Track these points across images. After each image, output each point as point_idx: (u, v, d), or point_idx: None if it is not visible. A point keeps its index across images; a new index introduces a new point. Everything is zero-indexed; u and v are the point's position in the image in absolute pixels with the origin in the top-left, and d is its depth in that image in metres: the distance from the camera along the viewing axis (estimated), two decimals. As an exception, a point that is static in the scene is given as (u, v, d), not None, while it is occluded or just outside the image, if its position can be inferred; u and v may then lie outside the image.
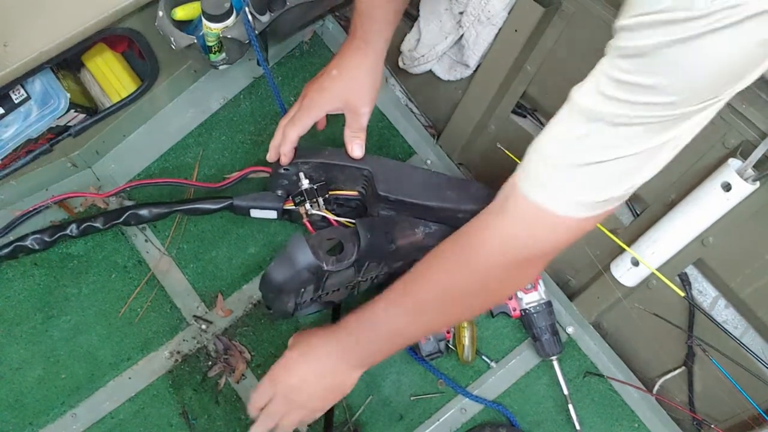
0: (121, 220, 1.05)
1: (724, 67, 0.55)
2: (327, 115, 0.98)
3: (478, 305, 0.86)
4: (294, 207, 1.02)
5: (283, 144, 0.96)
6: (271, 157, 0.99)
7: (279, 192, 1.04)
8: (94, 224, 1.05)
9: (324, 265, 0.89)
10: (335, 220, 1.02)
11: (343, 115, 0.97)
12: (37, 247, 1.05)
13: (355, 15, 0.92)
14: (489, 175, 1.13)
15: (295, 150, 0.97)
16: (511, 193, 0.72)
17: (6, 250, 1.05)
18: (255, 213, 1.06)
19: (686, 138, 0.62)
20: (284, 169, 0.99)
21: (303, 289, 0.96)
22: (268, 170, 1.04)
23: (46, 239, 1.05)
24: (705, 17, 0.52)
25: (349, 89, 0.94)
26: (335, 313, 1.10)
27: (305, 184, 0.99)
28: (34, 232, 1.05)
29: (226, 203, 1.05)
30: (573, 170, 0.65)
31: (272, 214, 1.06)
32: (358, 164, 0.99)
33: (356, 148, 0.97)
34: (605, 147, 0.62)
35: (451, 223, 0.96)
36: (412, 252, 0.98)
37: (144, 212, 1.05)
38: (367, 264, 0.97)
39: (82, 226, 1.05)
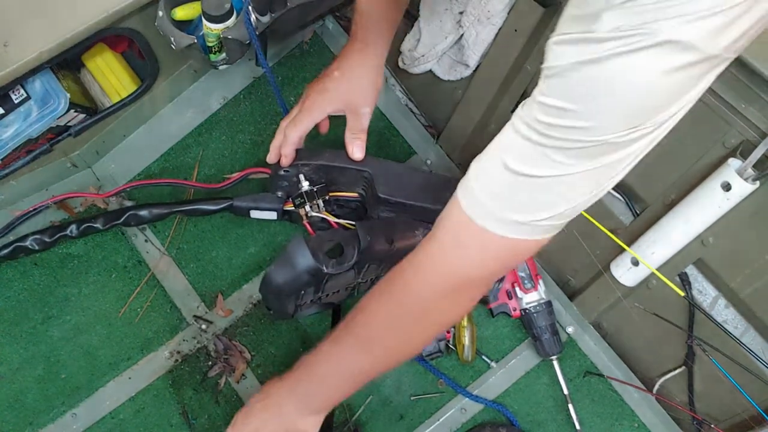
0: (121, 220, 1.05)
1: (637, 93, 0.54)
2: (329, 118, 0.98)
3: (420, 337, 0.82)
4: (294, 209, 1.02)
5: (284, 145, 0.96)
6: (271, 158, 0.99)
7: (279, 193, 1.04)
8: (94, 225, 1.05)
9: (324, 267, 0.89)
10: (335, 222, 1.02)
11: (343, 117, 0.97)
12: (36, 247, 1.05)
13: (355, 16, 0.92)
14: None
15: (295, 151, 0.97)
16: (447, 215, 0.71)
17: (6, 251, 1.04)
18: (255, 214, 1.06)
19: (622, 167, 0.61)
20: (284, 171, 0.99)
21: (303, 291, 0.96)
22: (268, 171, 1.04)
23: (46, 240, 1.05)
24: (611, 40, 0.52)
25: (350, 90, 0.94)
26: (335, 315, 1.10)
27: (305, 186, 0.99)
28: (33, 233, 1.05)
29: (226, 204, 1.05)
30: (504, 188, 0.64)
31: (272, 215, 1.06)
32: (359, 166, 0.99)
33: (357, 149, 0.97)
34: (532, 167, 0.61)
35: None
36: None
37: (144, 213, 1.05)
38: (367, 266, 0.97)
39: (82, 227, 1.05)
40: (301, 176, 0.99)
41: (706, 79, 0.54)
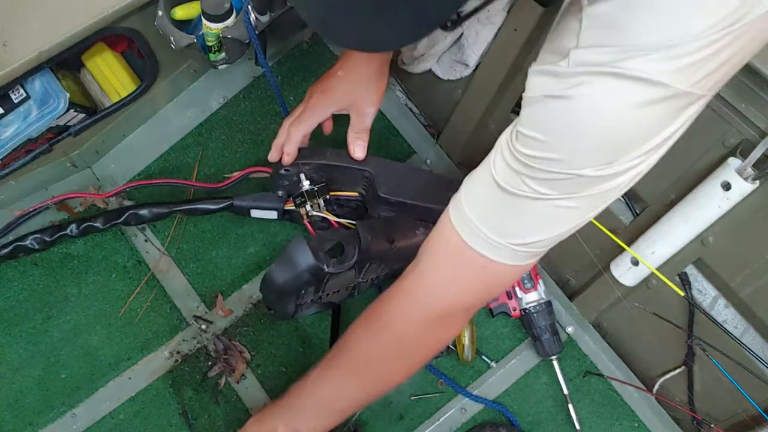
0: (121, 220, 1.05)
1: (605, 129, 0.54)
2: (332, 117, 0.98)
3: (402, 369, 0.82)
4: (294, 208, 1.02)
5: (287, 143, 0.96)
6: (273, 156, 0.99)
7: (279, 192, 1.04)
8: (94, 224, 1.05)
9: (325, 267, 0.89)
10: (336, 222, 1.01)
11: (346, 117, 0.97)
12: (36, 246, 1.05)
13: None
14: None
15: (298, 150, 0.97)
16: (430, 243, 0.71)
17: (6, 250, 1.04)
18: (255, 213, 1.06)
19: (605, 200, 0.62)
20: (285, 170, 0.99)
21: (303, 291, 0.96)
22: (269, 170, 1.04)
23: (46, 239, 1.05)
24: (577, 76, 0.52)
25: (354, 90, 0.94)
26: (335, 316, 1.10)
27: (306, 185, 0.99)
28: (34, 232, 1.05)
29: (226, 203, 1.05)
30: (489, 207, 0.65)
31: (272, 215, 1.06)
32: (359, 166, 0.99)
33: (358, 149, 0.96)
34: (513, 191, 0.62)
35: None
36: (413, 253, 0.98)
37: (144, 212, 1.05)
38: (368, 265, 0.96)
39: (82, 226, 1.05)
40: (302, 175, 0.99)
41: (685, 114, 0.55)
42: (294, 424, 0.86)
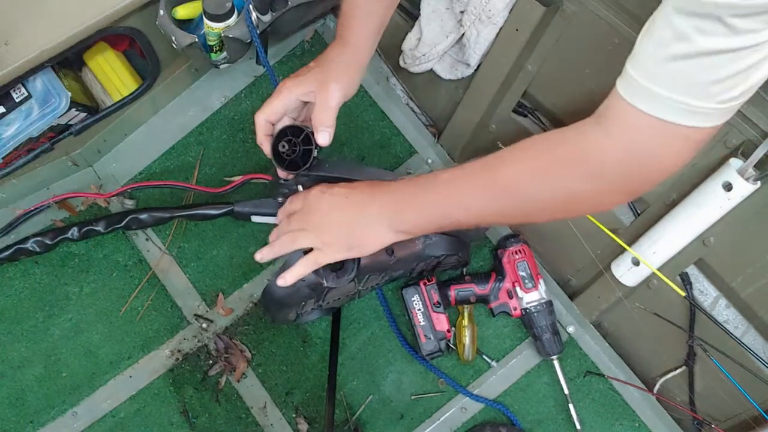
0: (123, 224, 1.05)
1: None
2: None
3: (550, 207, 0.75)
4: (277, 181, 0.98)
5: (256, 134, 0.90)
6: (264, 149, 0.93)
7: (279, 199, 1.03)
8: (96, 228, 1.05)
9: (324, 281, 0.88)
10: None
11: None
12: (38, 249, 1.05)
13: (339, 17, 0.90)
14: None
15: (271, 138, 0.90)
16: (613, 102, 0.65)
17: (6, 253, 1.05)
18: (256, 219, 1.06)
19: None
20: (283, 181, 0.99)
21: (304, 303, 0.96)
22: (269, 177, 1.03)
23: (47, 242, 1.05)
24: None
25: (324, 76, 0.88)
26: (335, 320, 1.10)
27: None
28: (35, 234, 1.05)
29: (226, 209, 1.05)
30: (671, 67, 0.59)
31: (273, 220, 1.05)
32: (358, 178, 0.97)
33: (321, 136, 0.88)
34: (705, 41, 0.56)
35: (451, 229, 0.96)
36: (412, 261, 0.98)
37: (145, 217, 1.05)
38: (368, 276, 0.96)
39: (84, 230, 1.05)
40: (300, 187, 0.97)
41: None
42: (394, 215, 0.81)
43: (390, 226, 0.82)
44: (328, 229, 0.84)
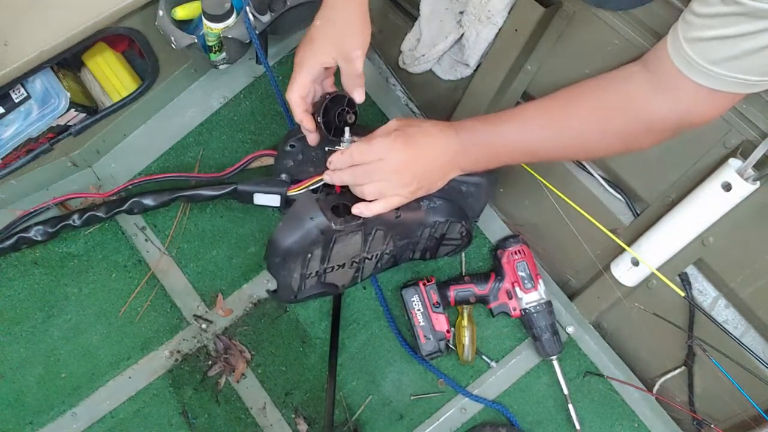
0: (125, 207, 1.04)
1: None
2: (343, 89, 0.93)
3: (606, 146, 0.84)
4: (329, 148, 0.95)
5: (294, 112, 0.91)
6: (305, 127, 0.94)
7: (282, 176, 1.02)
8: (97, 213, 1.04)
9: (332, 224, 0.89)
10: (340, 186, 1.00)
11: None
12: (40, 238, 1.05)
13: None
14: (489, 173, 1.13)
15: (312, 115, 0.92)
16: (666, 68, 0.72)
17: (9, 242, 1.04)
18: (258, 199, 1.04)
19: None
20: (290, 146, 1.00)
21: (310, 255, 0.94)
22: (273, 153, 1.03)
23: (50, 230, 1.05)
24: None
25: (337, 35, 0.88)
26: (335, 316, 1.10)
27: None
28: (36, 223, 1.05)
29: (229, 189, 1.03)
30: (734, 60, 0.65)
31: (275, 201, 1.04)
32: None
33: (357, 94, 0.91)
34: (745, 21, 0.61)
35: (453, 196, 0.98)
36: (415, 228, 0.98)
37: (147, 200, 1.05)
38: (374, 232, 0.96)
39: (85, 216, 1.04)
40: (353, 138, 0.93)
41: None
42: (462, 152, 0.86)
43: (456, 166, 0.88)
44: (393, 173, 0.86)
